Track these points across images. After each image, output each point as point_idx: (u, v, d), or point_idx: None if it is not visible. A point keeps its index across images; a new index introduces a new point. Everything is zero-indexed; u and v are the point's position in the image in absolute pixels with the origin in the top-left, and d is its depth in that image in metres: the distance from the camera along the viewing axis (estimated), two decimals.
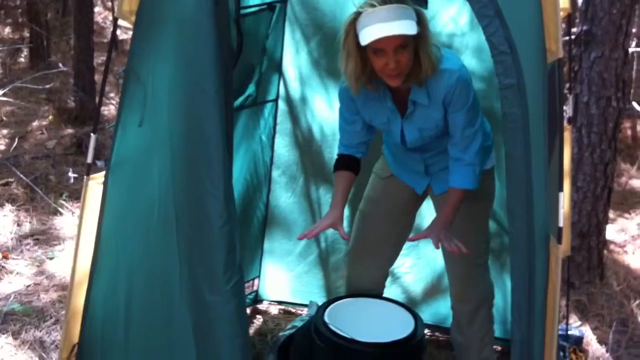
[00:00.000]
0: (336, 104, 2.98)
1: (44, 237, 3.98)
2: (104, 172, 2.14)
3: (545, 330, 1.91)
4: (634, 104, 5.80)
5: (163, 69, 2.05)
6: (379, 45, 2.11)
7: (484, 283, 2.61)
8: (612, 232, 4.32)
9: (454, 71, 2.23)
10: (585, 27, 3.41)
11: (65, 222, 4.18)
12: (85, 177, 2.17)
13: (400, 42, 2.09)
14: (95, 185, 2.16)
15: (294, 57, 3.03)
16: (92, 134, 2.20)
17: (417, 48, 2.16)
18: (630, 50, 5.02)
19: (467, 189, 2.31)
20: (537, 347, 1.88)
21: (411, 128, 2.35)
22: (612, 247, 4.15)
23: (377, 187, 2.64)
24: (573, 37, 3.44)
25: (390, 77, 2.19)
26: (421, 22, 2.15)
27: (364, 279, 2.70)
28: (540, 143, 1.86)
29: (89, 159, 2.20)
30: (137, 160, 2.12)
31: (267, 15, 2.85)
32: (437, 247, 2.24)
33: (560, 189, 1.93)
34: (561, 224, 1.91)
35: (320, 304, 2.77)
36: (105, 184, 2.13)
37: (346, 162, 2.47)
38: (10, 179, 4.70)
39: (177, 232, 2.09)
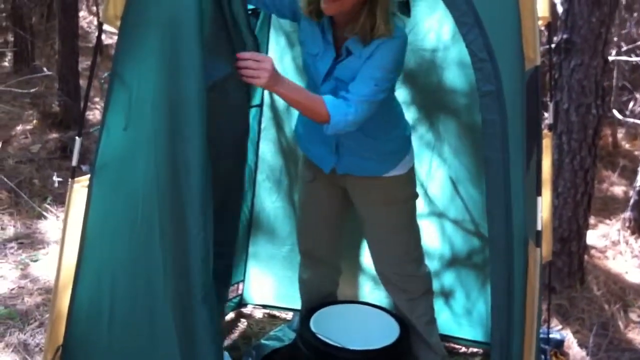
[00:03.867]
0: None
1: (28, 241, 3.97)
2: (88, 176, 2.16)
3: (524, 332, 1.94)
4: (615, 111, 5.87)
5: (147, 73, 2.06)
6: None
7: (419, 278, 2.67)
8: (593, 237, 4.37)
9: (403, 34, 2.26)
10: (565, 36, 3.46)
11: (49, 226, 4.18)
12: (70, 180, 2.18)
13: None
14: (80, 188, 2.17)
15: (279, 63, 3.05)
16: (77, 137, 2.21)
17: (374, 6, 2.16)
18: (611, 58, 5.10)
19: (327, 109, 2.17)
20: (516, 348, 1.91)
21: (334, 74, 2.33)
22: (592, 252, 4.20)
23: (305, 193, 2.71)
24: (553, 45, 3.49)
25: (328, 1, 2.17)
26: None
27: (319, 280, 2.83)
28: (519, 148, 1.89)
29: (74, 162, 2.21)
30: (122, 163, 2.13)
31: (251, 21, 2.87)
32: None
33: (539, 193, 1.97)
34: (539, 228, 1.95)
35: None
36: (89, 187, 2.14)
37: None
38: None
39: (160, 235, 2.10)
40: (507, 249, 1.88)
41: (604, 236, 4.50)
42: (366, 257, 3.11)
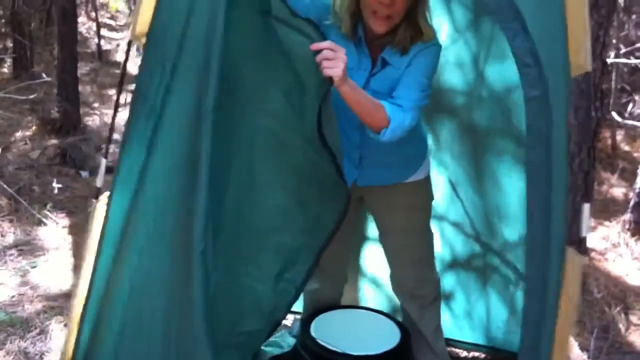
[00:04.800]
0: None
1: (28, 248, 3.96)
2: (108, 193, 2.13)
3: (554, 339, 1.92)
4: (614, 114, 5.88)
5: (170, 88, 2.07)
6: None
7: (432, 283, 2.68)
8: (593, 239, 4.38)
9: (438, 42, 2.28)
10: None
11: (49, 232, 4.17)
12: (93, 200, 2.14)
13: None
14: (103, 207, 2.13)
15: None
16: (102, 159, 2.16)
17: (415, 14, 2.16)
18: (610, 61, 5.10)
19: (387, 114, 2.12)
20: (544, 355, 1.90)
21: (370, 87, 2.30)
22: (593, 254, 4.20)
23: None
24: None
25: (379, 18, 2.14)
26: None
27: (326, 291, 2.79)
28: (562, 154, 1.89)
29: (99, 184, 2.17)
30: (141, 178, 2.11)
31: None
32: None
33: (587, 200, 1.96)
34: (584, 234, 1.94)
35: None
36: (108, 203, 2.12)
37: None
38: None
39: (170, 250, 2.11)
40: (544, 254, 1.87)
41: (604, 238, 4.50)
42: (367, 262, 3.11)
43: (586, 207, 1.95)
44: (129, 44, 2.19)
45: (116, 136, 3.76)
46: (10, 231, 4.14)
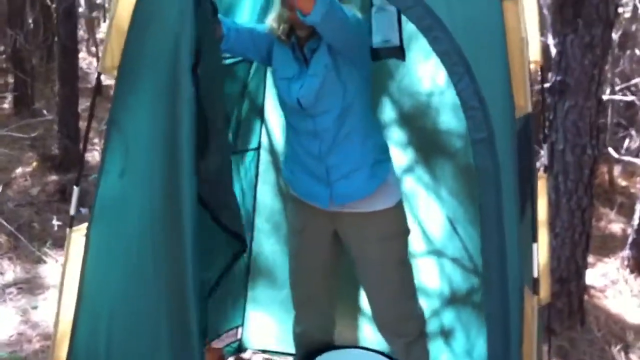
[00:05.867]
0: None
1: (28, 286, 3.96)
2: (86, 224, 2.17)
3: None
4: (610, 149, 5.91)
5: (143, 119, 2.11)
6: None
7: (415, 318, 2.65)
8: (592, 276, 4.37)
9: None
10: (559, 77, 3.51)
11: (49, 270, 4.17)
12: (67, 229, 2.19)
13: None
14: (78, 237, 2.18)
15: (276, 103, 3.08)
16: (75, 187, 2.22)
17: None
18: (606, 97, 5.16)
19: None
20: None
21: (307, 82, 2.37)
22: (592, 292, 4.19)
23: (296, 245, 2.71)
24: (547, 85, 3.54)
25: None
26: None
27: (315, 332, 2.80)
28: (512, 195, 1.91)
29: (72, 212, 2.22)
30: (118, 208, 2.15)
31: (244, 67, 2.90)
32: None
33: (534, 239, 1.98)
34: (536, 275, 1.95)
35: None
36: (87, 235, 2.15)
37: None
38: None
39: (153, 279, 2.12)
40: (502, 296, 1.89)
41: (603, 275, 4.50)
42: (365, 300, 3.10)
43: (534, 247, 1.98)
44: (99, 75, 2.23)
45: None
46: (10, 269, 4.14)
